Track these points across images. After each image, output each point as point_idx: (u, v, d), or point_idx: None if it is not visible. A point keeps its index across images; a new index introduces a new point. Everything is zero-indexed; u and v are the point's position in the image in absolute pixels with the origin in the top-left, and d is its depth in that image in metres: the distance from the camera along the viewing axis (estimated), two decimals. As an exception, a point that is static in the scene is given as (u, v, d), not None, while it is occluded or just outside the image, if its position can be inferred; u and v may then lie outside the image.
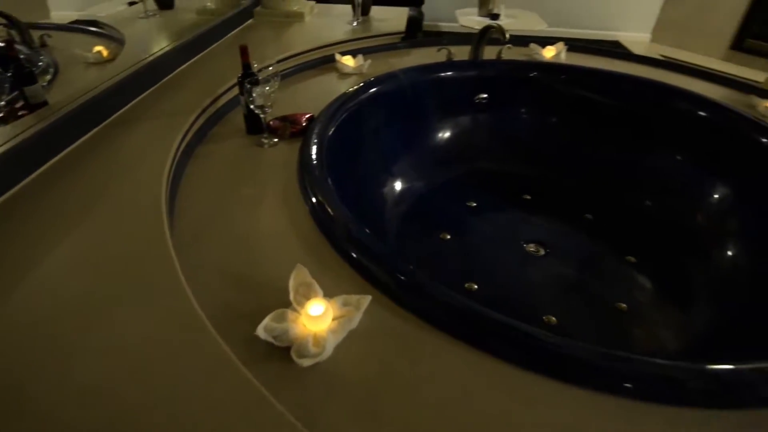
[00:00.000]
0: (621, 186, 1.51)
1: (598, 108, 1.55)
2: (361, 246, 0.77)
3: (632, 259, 1.36)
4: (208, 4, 1.80)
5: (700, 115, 1.35)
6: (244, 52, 1.04)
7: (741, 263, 1.18)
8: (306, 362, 0.60)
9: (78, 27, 1.27)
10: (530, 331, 0.64)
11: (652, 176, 1.45)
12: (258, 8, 1.88)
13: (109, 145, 0.98)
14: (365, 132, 1.39)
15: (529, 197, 1.61)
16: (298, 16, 1.84)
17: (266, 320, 0.64)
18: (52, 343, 0.58)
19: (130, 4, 1.47)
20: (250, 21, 1.85)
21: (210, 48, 1.53)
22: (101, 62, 1.19)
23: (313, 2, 1.99)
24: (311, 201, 0.89)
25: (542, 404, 0.57)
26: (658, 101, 1.45)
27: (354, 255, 0.76)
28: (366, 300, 0.68)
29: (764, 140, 1.22)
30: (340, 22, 1.88)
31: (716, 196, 1.32)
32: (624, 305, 1.21)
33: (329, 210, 0.85)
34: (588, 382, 0.59)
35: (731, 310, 1.09)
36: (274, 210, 0.90)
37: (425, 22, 3.59)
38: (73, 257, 0.71)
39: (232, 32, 1.71)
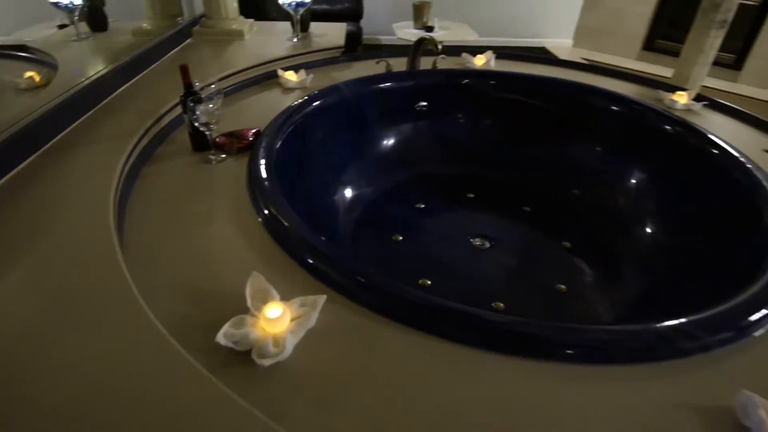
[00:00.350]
0: (552, 178, 1.64)
1: (525, 108, 1.68)
2: (315, 251, 0.81)
3: (567, 244, 1.49)
4: (144, 24, 1.78)
5: (614, 110, 1.51)
6: (184, 71, 1.06)
7: (658, 238, 1.33)
8: (267, 362, 0.63)
9: (5, 52, 1.23)
10: (475, 312, 0.71)
11: (577, 167, 1.59)
12: (197, 27, 1.88)
13: (49, 171, 0.96)
14: (313, 143, 1.43)
15: (472, 195, 1.71)
16: (238, 35, 1.86)
17: (225, 327, 0.66)
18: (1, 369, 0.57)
19: (61, 27, 1.43)
20: (189, 40, 1.85)
21: (149, 69, 1.52)
22: (33, 88, 1.16)
23: (252, 20, 2.01)
24: (263, 212, 0.92)
25: (492, 376, 0.64)
26: (576, 99, 1.59)
27: (309, 260, 0.80)
28: (321, 299, 0.72)
29: (668, 128, 1.38)
30: (280, 38, 1.91)
31: (633, 180, 1.47)
32: (563, 286, 1.32)
33: (281, 220, 0.88)
34: (530, 352, 0.67)
35: (654, 278, 1.22)
36: (227, 223, 0.92)
37: (365, 36, 3.70)
38: (21, 285, 0.70)
39: (171, 52, 1.70)
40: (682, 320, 0.71)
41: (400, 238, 1.49)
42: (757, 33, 3.21)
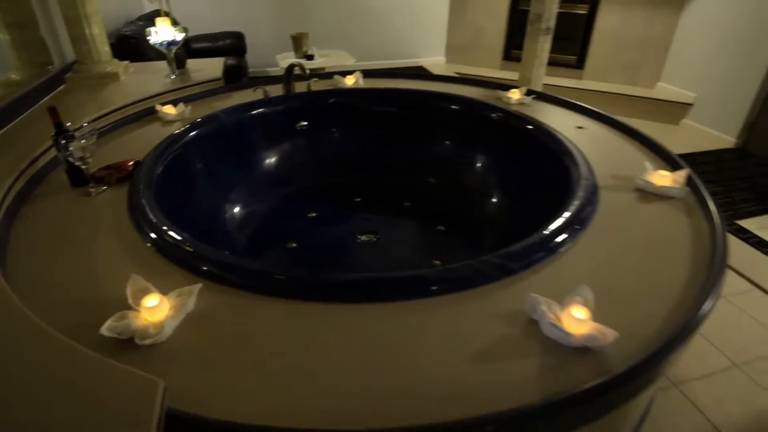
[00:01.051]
0: (421, 173, 1.90)
1: (388, 116, 1.93)
2: (186, 247, 0.93)
3: (442, 227, 1.73)
4: (13, 75, 1.78)
5: (453, 108, 1.81)
6: (53, 112, 1.13)
7: (502, 203, 1.62)
8: (148, 341, 0.74)
9: None
10: (326, 275, 0.88)
11: (437, 160, 1.87)
12: (69, 74, 1.90)
13: None
14: (197, 167, 1.54)
15: (359, 199, 1.91)
16: (113, 77, 1.91)
17: (109, 321, 0.76)
18: None
19: None
20: (62, 86, 1.86)
21: (20, 117, 1.54)
22: None
23: (128, 62, 2.07)
24: (144, 230, 1.02)
25: (347, 321, 0.81)
26: (424, 104, 1.88)
27: (183, 256, 0.92)
28: (197, 287, 0.84)
29: (494, 116, 1.70)
30: (157, 76, 2.00)
31: (478, 164, 1.77)
32: (438, 261, 1.54)
33: (158, 226, 0.99)
34: (376, 297, 0.85)
35: (501, 234, 1.49)
36: (110, 242, 1.00)
37: (255, 69, 3.84)
38: None
39: (45, 99, 1.72)
40: (489, 255, 0.93)
41: (294, 245, 1.63)
42: (590, 37, 3.86)
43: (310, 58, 2.97)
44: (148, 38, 1.88)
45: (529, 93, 1.93)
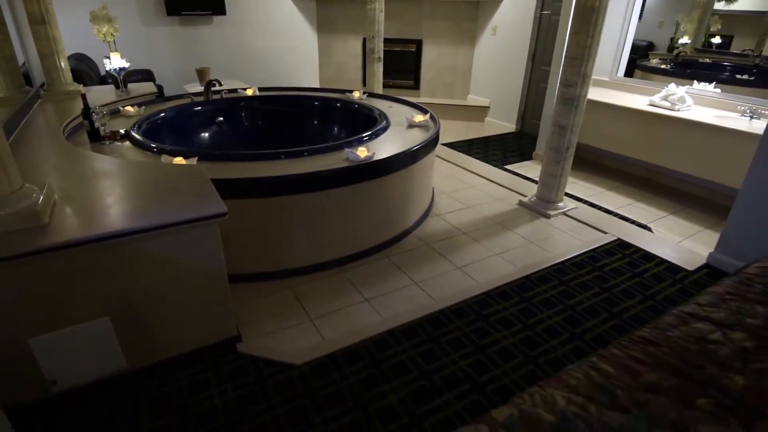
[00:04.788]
0: (299, 145, 3.00)
1: (277, 112, 3.03)
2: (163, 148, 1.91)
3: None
4: (0, 94, 2.51)
5: (316, 104, 2.98)
6: (83, 97, 2.02)
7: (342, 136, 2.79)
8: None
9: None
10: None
11: (310, 134, 2.99)
12: (42, 92, 2.67)
13: None
14: (158, 134, 2.45)
15: (264, 163, 2.93)
16: (76, 93, 2.73)
17: (158, 169, 1.72)
18: None
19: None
20: (39, 101, 2.63)
21: (26, 117, 2.32)
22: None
23: (82, 85, 2.89)
24: (143, 147, 1.96)
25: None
26: (300, 103, 3.03)
27: (164, 150, 1.89)
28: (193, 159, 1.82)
29: (338, 105, 2.89)
30: (108, 93, 2.85)
31: (335, 129, 2.94)
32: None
33: (145, 145, 1.94)
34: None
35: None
36: (120, 160, 1.93)
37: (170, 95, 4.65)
38: None
39: (32, 108, 2.49)
40: (338, 141, 2.06)
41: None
42: (420, 67, 5.39)
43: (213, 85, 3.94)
44: (105, 65, 2.75)
45: (365, 93, 3.18)
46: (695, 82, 3.17)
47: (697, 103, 2.99)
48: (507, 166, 3.64)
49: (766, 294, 1.08)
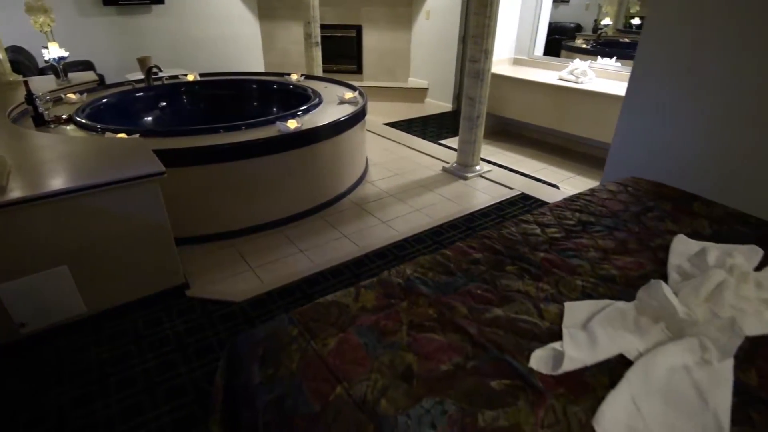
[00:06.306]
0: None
1: (217, 95, 3.23)
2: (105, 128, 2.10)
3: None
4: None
5: (254, 87, 3.20)
6: (26, 84, 2.16)
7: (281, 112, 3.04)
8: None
9: None
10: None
11: (248, 115, 3.21)
12: (-19, 83, 2.75)
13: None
14: (101, 118, 2.61)
15: (208, 144, 3.13)
16: (17, 83, 2.82)
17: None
18: None
19: None
20: (-24, 92, 2.71)
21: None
22: None
23: (22, 76, 2.97)
24: (88, 129, 2.14)
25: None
26: (239, 86, 3.24)
27: (109, 129, 2.09)
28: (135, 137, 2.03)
29: (275, 87, 3.13)
30: (49, 81, 2.96)
31: (275, 109, 3.17)
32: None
33: (89, 126, 2.13)
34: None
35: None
36: (65, 139, 2.11)
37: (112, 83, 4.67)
38: None
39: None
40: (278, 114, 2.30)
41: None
42: (362, 52, 5.64)
43: (155, 74, 4.05)
44: (43, 55, 2.85)
45: (302, 75, 3.42)
46: (598, 57, 3.60)
47: (599, 76, 3.42)
48: (441, 141, 3.99)
49: (584, 206, 1.44)
